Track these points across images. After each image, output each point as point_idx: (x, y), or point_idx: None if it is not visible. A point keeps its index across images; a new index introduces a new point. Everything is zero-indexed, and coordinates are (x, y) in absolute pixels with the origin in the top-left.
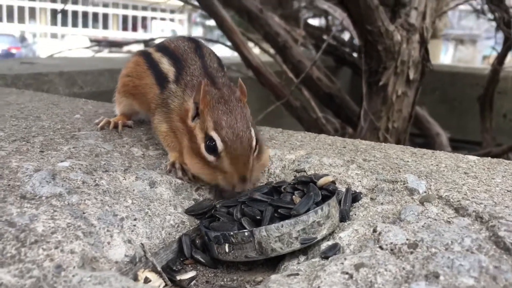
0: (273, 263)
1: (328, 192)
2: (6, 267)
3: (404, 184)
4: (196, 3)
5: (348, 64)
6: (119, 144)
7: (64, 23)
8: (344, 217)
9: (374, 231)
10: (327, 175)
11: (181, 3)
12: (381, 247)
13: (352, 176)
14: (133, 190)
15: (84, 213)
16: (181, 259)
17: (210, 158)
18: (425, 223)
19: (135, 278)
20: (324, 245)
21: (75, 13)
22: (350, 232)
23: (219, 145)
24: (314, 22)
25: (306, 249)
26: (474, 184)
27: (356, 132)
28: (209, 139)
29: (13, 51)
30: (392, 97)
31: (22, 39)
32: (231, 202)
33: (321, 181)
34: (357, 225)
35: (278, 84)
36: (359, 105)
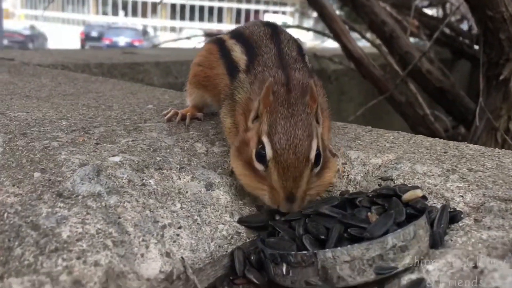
0: None
1: (415, 211)
2: (21, 276)
3: None
4: None
5: (466, 57)
6: (183, 138)
7: (182, 17)
8: (436, 243)
9: (475, 267)
10: (417, 187)
11: None
12: None
13: (451, 189)
14: (186, 192)
15: (120, 217)
16: (231, 278)
17: (260, 167)
18: None
19: None
20: (406, 279)
21: (192, 8)
22: (441, 265)
23: (269, 152)
24: (430, 12)
25: (383, 281)
26: None
27: (470, 133)
28: (261, 144)
29: (136, 43)
30: None
31: (144, 32)
32: (295, 215)
33: (407, 196)
34: (452, 256)
35: (381, 77)
36: (476, 101)
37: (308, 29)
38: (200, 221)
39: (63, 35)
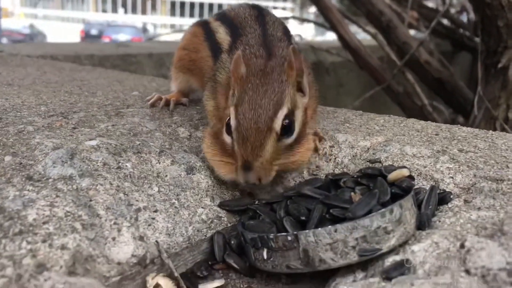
0: (324, 277)
1: (401, 190)
2: None
3: None
4: None
5: (467, 49)
6: (166, 123)
7: (182, 14)
8: (423, 224)
9: (462, 246)
10: (404, 167)
11: None
12: (467, 271)
13: (441, 170)
14: (165, 176)
15: (91, 200)
16: (210, 263)
17: (228, 139)
18: None
19: (143, 285)
20: (390, 261)
21: (192, 4)
22: (427, 245)
23: (232, 122)
24: (430, 5)
25: (367, 262)
26: None
27: (468, 122)
28: (228, 116)
29: (136, 41)
30: None
31: (144, 30)
32: (276, 197)
33: (392, 175)
34: (439, 236)
35: (378, 68)
36: (475, 92)
37: (303, 20)
38: (178, 205)
39: (62, 34)
